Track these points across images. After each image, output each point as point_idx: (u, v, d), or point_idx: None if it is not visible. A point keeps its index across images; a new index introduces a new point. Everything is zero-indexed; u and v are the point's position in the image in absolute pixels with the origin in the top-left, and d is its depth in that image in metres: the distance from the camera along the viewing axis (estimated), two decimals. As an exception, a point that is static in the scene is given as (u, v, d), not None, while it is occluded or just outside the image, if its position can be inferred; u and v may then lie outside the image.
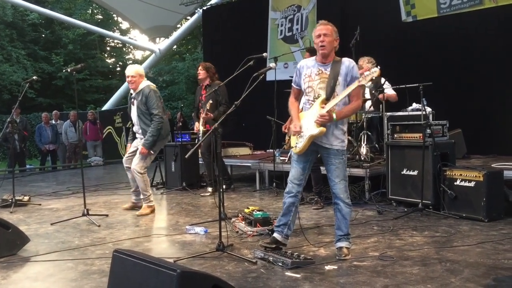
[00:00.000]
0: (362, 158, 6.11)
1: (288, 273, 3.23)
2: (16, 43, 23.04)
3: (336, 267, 3.36)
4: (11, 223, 4.10)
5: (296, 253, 3.47)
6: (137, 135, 5.74)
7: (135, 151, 5.66)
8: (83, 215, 5.28)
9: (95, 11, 27.17)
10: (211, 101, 6.51)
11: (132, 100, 5.69)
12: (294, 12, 10.80)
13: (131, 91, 5.77)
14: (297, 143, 3.68)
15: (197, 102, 7.02)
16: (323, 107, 3.52)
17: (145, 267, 2.21)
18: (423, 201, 5.09)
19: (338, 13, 9.65)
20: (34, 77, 6.80)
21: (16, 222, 4.96)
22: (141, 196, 5.65)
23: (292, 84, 3.85)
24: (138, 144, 5.66)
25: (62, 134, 12.53)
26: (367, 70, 3.56)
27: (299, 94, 3.83)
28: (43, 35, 24.64)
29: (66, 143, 12.59)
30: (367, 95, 6.63)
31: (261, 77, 3.95)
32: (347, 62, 3.60)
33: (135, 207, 5.83)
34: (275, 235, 3.77)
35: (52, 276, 3.41)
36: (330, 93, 3.54)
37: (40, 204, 6.51)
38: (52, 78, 23.45)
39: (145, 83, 5.64)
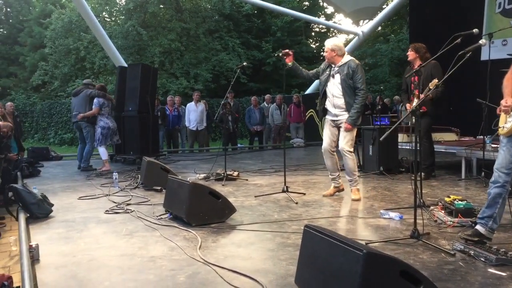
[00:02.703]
0: None
1: (492, 270, 2.92)
2: (232, 33, 25.46)
3: (552, 271, 2.91)
4: (222, 194, 4.59)
5: (503, 250, 3.11)
6: (335, 109, 5.50)
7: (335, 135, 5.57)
8: (283, 191, 5.64)
9: (302, -2, 28.24)
10: (436, 80, 6.15)
11: (333, 73, 5.49)
12: (517, -19, 9.49)
13: (328, 63, 5.57)
14: (506, 124, 3.25)
15: (406, 83, 6.74)
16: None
17: (333, 244, 2.25)
18: None
19: None
20: (245, 63, 7.44)
21: (226, 194, 5.53)
22: (349, 178, 5.51)
23: None
24: (336, 120, 5.52)
25: (268, 117, 13.41)
26: None
27: None
28: (255, 25, 26.66)
29: (272, 124, 13.45)
30: None
31: (468, 55, 3.58)
32: None
33: (337, 191, 5.78)
34: (478, 227, 3.43)
35: (253, 244, 3.72)
36: None
37: (247, 180, 7.12)
38: (261, 64, 25.28)
39: (349, 57, 5.49)
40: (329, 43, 5.52)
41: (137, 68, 10.10)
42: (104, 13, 26.48)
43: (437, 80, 5.23)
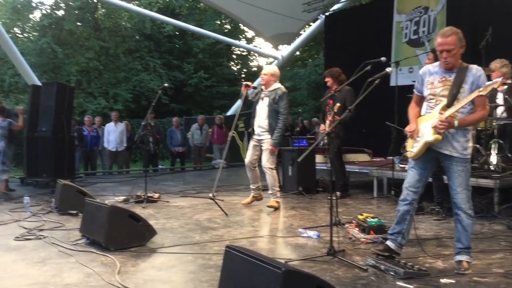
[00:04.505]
0: (492, 168, 5.65)
1: (400, 283, 3.13)
2: (153, 54, 25.20)
3: (453, 281, 3.17)
4: (142, 217, 4.50)
5: (410, 264, 3.34)
6: (258, 129, 6.17)
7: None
8: (210, 198, 6.04)
9: (224, 21, 28.63)
10: (338, 104, 6.54)
11: (263, 96, 6.17)
12: (421, 14, 10.35)
13: (262, 87, 6.25)
14: (412, 148, 3.55)
15: (324, 105, 7.08)
16: (441, 113, 3.36)
17: (253, 263, 2.32)
18: None
19: (470, 13, 9.05)
20: (166, 84, 7.45)
21: (147, 216, 5.41)
22: (270, 191, 6.19)
23: (414, 90, 3.74)
24: (259, 139, 6.16)
25: (189, 137, 13.38)
26: (501, 75, 3.29)
27: (421, 101, 3.67)
28: (177, 46, 26.60)
29: (191, 144, 13.42)
30: (499, 101, 6.12)
31: (376, 82, 3.86)
32: (474, 70, 3.39)
33: (254, 201, 6.43)
34: (388, 243, 3.67)
35: (173, 267, 3.69)
36: (452, 101, 3.36)
37: (168, 201, 7.03)
38: (183, 85, 25.21)
39: (279, 85, 6.20)
40: (271, 69, 6.36)
41: (52, 87, 9.68)
42: (15, 28, 25.15)
43: (339, 104, 5.67)
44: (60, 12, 24.21)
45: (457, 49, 3.37)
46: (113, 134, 11.80)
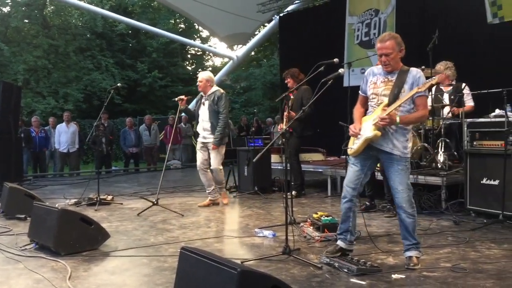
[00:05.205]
0: (439, 166, 5.88)
1: (353, 280, 3.20)
2: (105, 52, 24.60)
3: (403, 276, 3.27)
4: (94, 220, 4.39)
5: (363, 260, 3.43)
6: (204, 132, 6.44)
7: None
8: (153, 204, 6.05)
9: (178, 20, 28.34)
10: (297, 103, 6.65)
11: (203, 101, 6.49)
12: (372, 16, 10.61)
13: (202, 93, 6.55)
14: (353, 145, 3.65)
15: (283, 105, 7.12)
16: (384, 110, 3.47)
17: (208, 264, 2.31)
18: (505, 213, 4.80)
19: (418, 16, 9.37)
20: (119, 84, 7.31)
21: (99, 219, 5.30)
22: (212, 188, 6.47)
23: (359, 91, 3.84)
24: (205, 142, 6.42)
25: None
26: (445, 77, 3.40)
27: (365, 101, 3.79)
28: (130, 45, 26.10)
29: (142, 146, 13.23)
30: (446, 101, 6.38)
31: (329, 83, 3.94)
32: (414, 72, 3.55)
33: (212, 204, 6.53)
34: (339, 242, 3.76)
35: (127, 270, 3.62)
36: (393, 100, 3.49)
37: (122, 204, 6.90)
38: (137, 85, 24.76)
39: (216, 88, 6.55)
40: (205, 75, 6.59)
41: (-3, 86, 9.28)
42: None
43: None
44: (6, 9, 23.24)
45: (395, 53, 3.51)
46: (64, 135, 11.47)
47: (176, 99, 6.51)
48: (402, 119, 3.45)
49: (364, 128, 3.60)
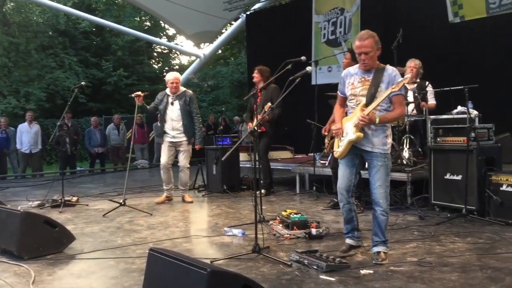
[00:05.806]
0: (404, 162, 5.99)
1: (323, 276, 3.22)
2: (68, 50, 23.98)
3: (371, 271, 3.32)
4: (59, 222, 4.28)
5: (332, 257, 3.45)
6: (174, 133, 6.52)
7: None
8: (121, 205, 6.02)
9: (143, 18, 27.92)
10: (269, 104, 6.58)
11: (172, 101, 6.52)
12: (337, 15, 10.74)
13: (168, 93, 6.58)
14: (338, 148, 3.70)
15: (251, 104, 7.08)
16: (363, 110, 3.52)
17: (177, 265, 2.27)
18: (467, 207, 4.93)
19: (382, 15, 9.53)
20: (83, 83, 7.17)
21: (64, 221, 5.17)
22: (183, 188, 6.73)
23: (338, 92, 3.89)
24: (175, 142, 6.55)
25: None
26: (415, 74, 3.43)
27: (344, 101, 3.85)
28: (94, 42, 25.53)
29: (109, 145, 13.00)
30: (410, 98, 6.50)
31: (297, 80, 3.96)
32: (390, 70, 3.60)
33: (167, 200, 6.74)
34: (348, 241, 3.83)
35: (94, 273, 3.54)
36: (371, 99, 3.54)
37: (87, 205, 6.75)
38: (102, 83, 24.26)
39: (184, 88, 6.67)
40: (177, 74, 6.73)
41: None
42: None
43: (270, 104, 5.67)
44: (-38, 5, 22.39)
45: (374, 51, 3.57)
46: (26, 135, 11.12)
47: (133, 95, 6.43)
48: (382, 119, 3.52)
49: (347, 129, 3.66)
